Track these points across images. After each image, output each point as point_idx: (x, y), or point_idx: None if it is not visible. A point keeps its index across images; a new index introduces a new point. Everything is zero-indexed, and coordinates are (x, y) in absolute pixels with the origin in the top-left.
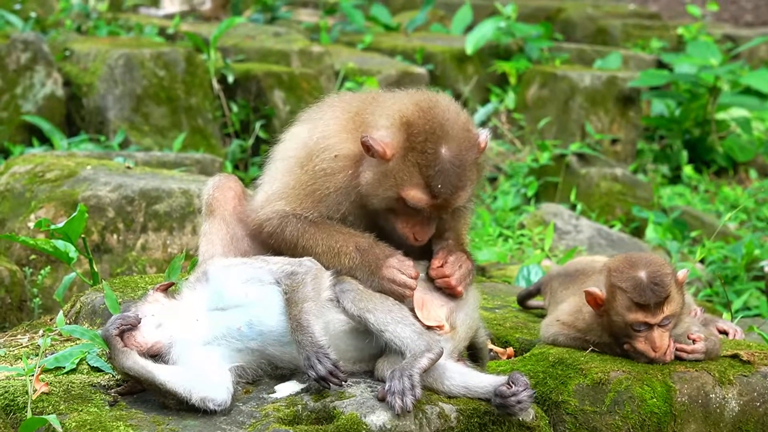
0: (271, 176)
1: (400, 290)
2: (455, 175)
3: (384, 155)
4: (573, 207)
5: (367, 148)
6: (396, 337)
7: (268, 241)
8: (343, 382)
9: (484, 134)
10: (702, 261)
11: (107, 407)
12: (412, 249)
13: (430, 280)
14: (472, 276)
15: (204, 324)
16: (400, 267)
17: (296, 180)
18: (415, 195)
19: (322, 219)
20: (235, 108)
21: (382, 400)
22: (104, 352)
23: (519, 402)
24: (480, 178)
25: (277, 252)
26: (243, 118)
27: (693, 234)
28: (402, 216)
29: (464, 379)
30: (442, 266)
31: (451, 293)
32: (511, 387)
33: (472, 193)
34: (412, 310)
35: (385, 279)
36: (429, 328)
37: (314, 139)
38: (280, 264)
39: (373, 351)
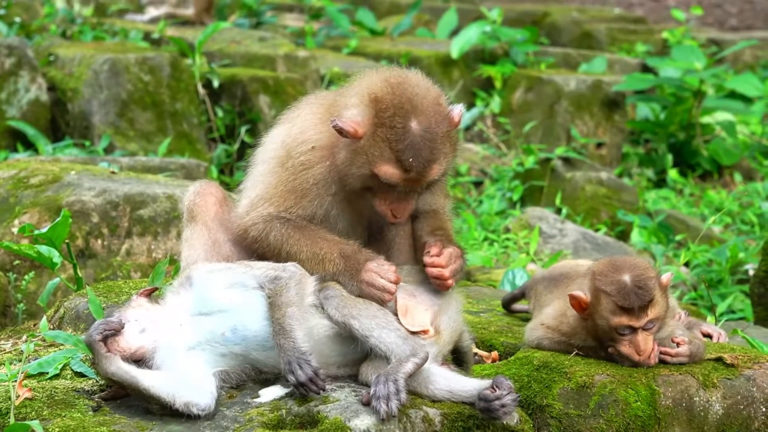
0: (254, 180)
1: (380, 294)
2: (426, 148)
3: (355, 134)
4: (558, 211)
5: (339, 131)
6: (381, 343)
7: (252, 246)
8: (322, 390)
9: (457, 108)
10: (687, 264)
11: (91, 413)
12: (398, 254)
13: (420, 283)
14: (462, 274)
15: (188, 329)
16: (379, 271)
17: (278, 179)
18: (387, 170)
19: (307, 222)
20: (220, 113)
21: (366, 404)
22: (88, 358)
23: (503, 406)
24: (454, 152)
25: (262, 257)
26: (228, 122)
27: (678, 237)
28: (379, 194)
29: (448, 383)
30: (438, 255)
31: (439, 285)
32: (495, 391)
33: (446, 167)
34: (396, 315)
35: (364, 282)
36: (414, 333)
37: (292, 135)
38: (264, 269)
39: (357, 356)
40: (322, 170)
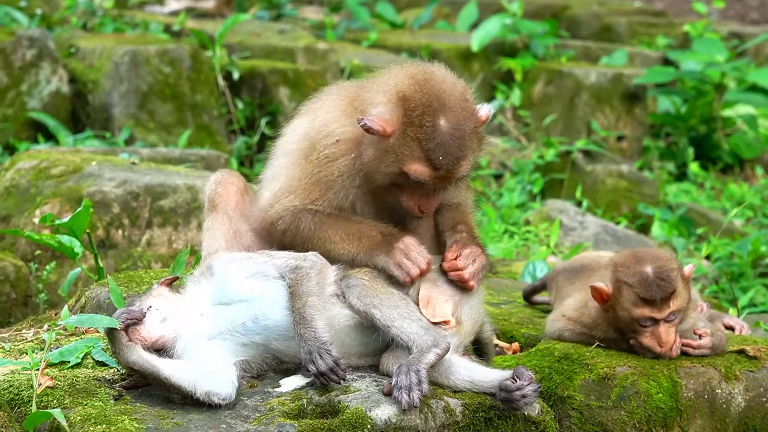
0: (276, 172)
1: (409, 265)
2: (455, 145)
3: (384, 133)
4: (578, 204)
5: (366, 129)
6: (403, 333)
7: (282, 239)
8: (342, 380)
9: (486, 108)
10: (708, 258)
11: (112, 401)
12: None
13: (442, 273)
14: (485, 271)
15: (208, 318)
16: (413, 244)
17: (302, 171)
18: (417, 169)
19: (335, 210)
20: (240, 105)
21: (388, 394)
22: (108, 347)
23: (524, 396)
24: (481, 148)
25: (290, 248)
26: (248, 114)
27: (699, 231)
28: (406, 190)
29: (470, 373)
30: (455, 259)
31: (463, 287)
32: (516, 381)
33: (474, 162)
34: (417, 305)
35: (398, 250)
36: (435, 324)
37: (315, 128)
38: (285, 258)
39: (378, 346)
40: (347, 163)
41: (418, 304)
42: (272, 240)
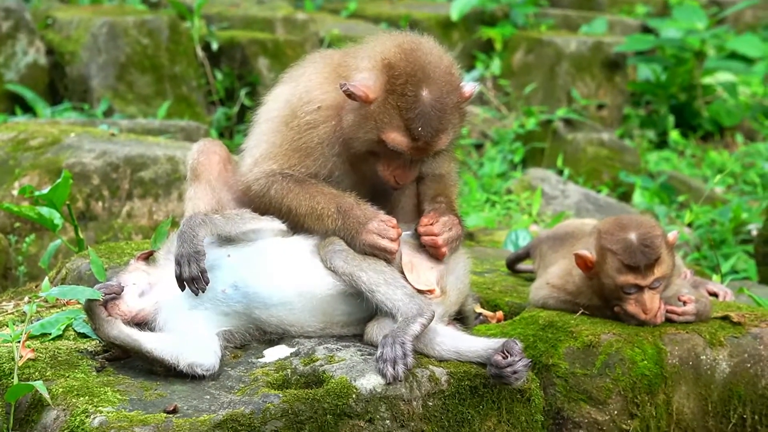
0: (257, 138)
1: (382, 254)
2: (436, 118)
3: (366, 99)
4: (560, 172)
5: (349, 95)
6: (387, 299)
7: (254, 202)
8: (202, 291)
9: (471, 85)
10: (689, 225)
11: (94, 373)
12: (403, 213)
13: (418, 238)
14: (459, 242)
15: (188, 289)
16: (379, 231)
17: (282, 138)
18: (396, 138)
19: (308, 178)
20: (219, 76)
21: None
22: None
23: (515, 372)
24: (462, 122)
25: (264, 213)
26: (228, 85)
27: (680, 198)
28: (384, 159)
29: (455, 343)
30: (431, 224)
31: (433, 253)
32: (507, 356)
33: (454, 137)
34: (402, 272)
35: (367, 245)
36: (420, 292)
37: (297, 95)
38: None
39: (361, 315)
40: (327, 130)
41: (402, 271)
42: (250, 204)
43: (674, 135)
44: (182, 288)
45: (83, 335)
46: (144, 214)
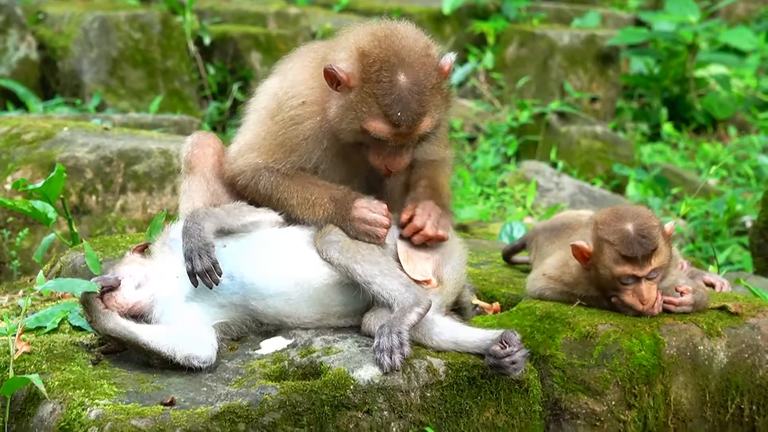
0: (244, 128)
1: (372, 229)
2: (415, 101)
3: (347, 82)
4: (554, 165)
5: (331, 79)
6: (383, 290)
7: (243, 193)
8: (215, 284)
9: (447, 58)
10: (683, 217)
11: (90, 366)
12: (397, 203)
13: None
14: (447, 219)
15: (185, 280)
16: (369, 206)
17: (267, 131)
18: (377, 126)
19: (295, 171)
20: (212, 70)
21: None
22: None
23: (513, 362)
24: (447, 103)
25: (253, 204)
26: (220, 80)
27: (674, 191)
28: (372, 148)
29: (453, 333)
30: (411, 220)
31: (432, 243)
32: (505, 347)
33: (439, 118)
34: (398, 262)
35: (356, 219)
36: (416, 282)
37: (283, 88)
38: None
39: (358, 305)
40: (313, 125)
41: (398, 260)
42: (238, 194)
43: (667, 128)
44: (195, 283)
45: (79, 328)
46: (138, 207)
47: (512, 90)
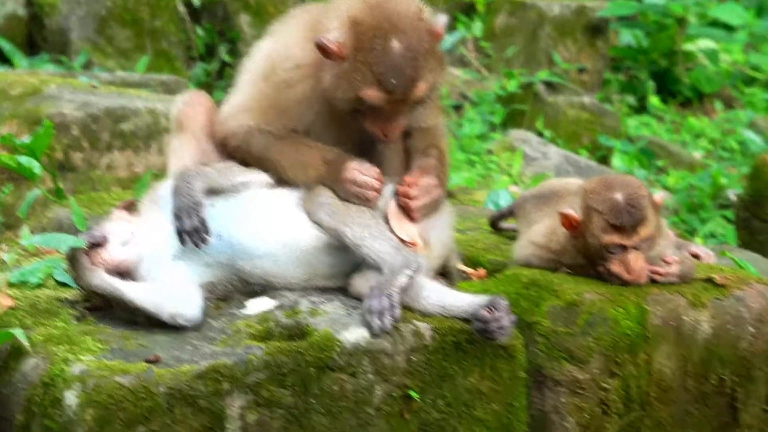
0: (237, 88)
1: (363, 191)
2: (409, 67)
3: (339, 54)
4: (540, 135)
5: (322, 50)
6: (373, 252)
7: (234, 154)
8: (203, 243)
9: (440, 20)
10: (667, 188)
11: (75, 322)
12: (389, 169)
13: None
14: (437, 205)
15: (172, 238)
16: (360, 168)
17: (259, 92)
18: (372, 94)
19: (288, 132)
20: (200, 31)
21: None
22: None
23: (501, 327)
24: (441, 67)
25: (244, 165)
26: (208, 41)
27: (659, 163)
28: (368, 116)
29: (441, 297)
30: (411, 185)
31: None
32: (493, 312)
33: (434, 83)
34: (386, 219)
35: (348, 181)
36: (402, 242)
37: (277, 50)
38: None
39: (346, 267)
40: (305, 89)
41: (386, 219)
42: (230, 156)
43: (654, 100)
44: (183, 242)
45: (63, 284)
46: (123, 166)
47: (500, 59)
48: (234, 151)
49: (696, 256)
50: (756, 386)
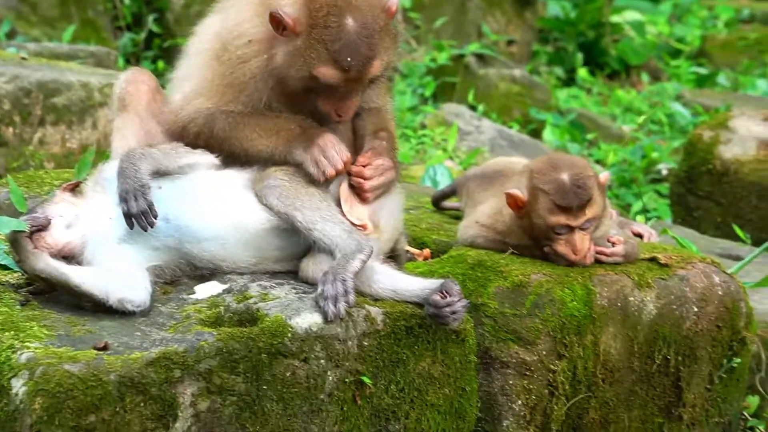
0: (188, 72)
1: (325, 164)
2: (364, 45)
3: (293, 29)
4: (472, 108)
5: (276, 23)
6: (325, 236)
7: (195, 142)
8: (150, 227)
9: (393, 0)
10: (599, 162)
11: (18, 307)
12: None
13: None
14: (391, 186)
15: (118, 221)
16: (335, 143)
17: (213, 73)
18: (326, 72)
19: (252, 109)
20: (126, 0)
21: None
22: (12, 254)
23: (454, 312)
24: (395, 45)
25: (205, 150)
26: (135, 10)
27: (589, 136)
28: (322, 94)
29: (392, 281)
30: (364, 166)
31: (357, 195)
32: (446, 297)
33: (387, 61)
34: (337, 202)
35: (318, 146)
36: (353, 225)
37: (227, 28)
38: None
39: (296, 250)
40: (259, 64)
41: (338, 201)
42: (189, 144)
43: (582, 72)
44: (131, 225)
45: (4, 267)
46: (57, 141)
47: (429, 30)
48: (195, 137)
49: (639, 235)
50: (699, 365)
